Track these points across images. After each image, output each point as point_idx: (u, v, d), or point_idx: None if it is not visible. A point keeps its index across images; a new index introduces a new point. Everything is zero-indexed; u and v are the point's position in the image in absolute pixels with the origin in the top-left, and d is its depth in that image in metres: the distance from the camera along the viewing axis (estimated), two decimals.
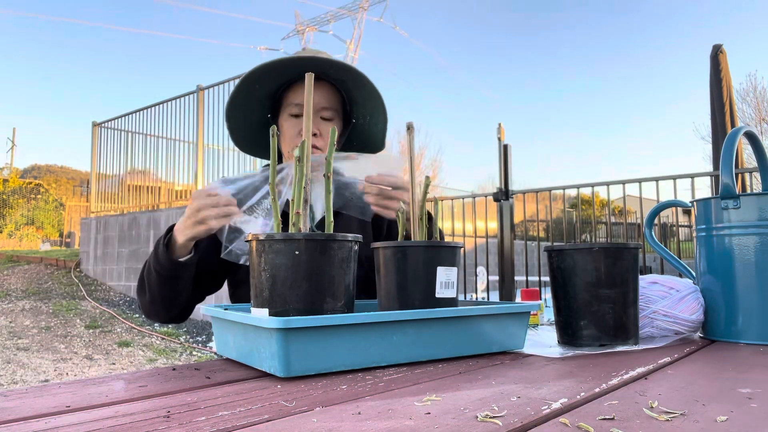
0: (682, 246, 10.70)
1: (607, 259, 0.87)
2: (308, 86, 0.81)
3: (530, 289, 1.28)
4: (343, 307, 0.74)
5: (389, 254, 0.82)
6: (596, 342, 0.87)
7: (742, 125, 1.30)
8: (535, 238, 7.41)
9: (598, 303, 0.87)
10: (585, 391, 0.59)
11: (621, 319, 0.87)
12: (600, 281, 0.87)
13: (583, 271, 0.87)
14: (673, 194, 4.10)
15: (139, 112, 8.42)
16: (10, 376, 4.07)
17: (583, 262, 0.88)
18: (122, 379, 0.68)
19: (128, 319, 6.24)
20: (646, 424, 0.47)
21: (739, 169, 4.07)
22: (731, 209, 0.97)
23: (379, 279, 0.84)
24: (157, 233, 7.25)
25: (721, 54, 4.74)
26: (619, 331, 0.87)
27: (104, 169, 8.94)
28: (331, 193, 0.80)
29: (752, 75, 15.38)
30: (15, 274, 8.54)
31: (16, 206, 19.77)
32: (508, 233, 4.50)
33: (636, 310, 0.90)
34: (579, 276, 0.88)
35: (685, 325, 0.96)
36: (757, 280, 0.93)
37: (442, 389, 0.61)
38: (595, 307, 0.87)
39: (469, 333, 0.81)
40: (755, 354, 0.84)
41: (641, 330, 0.95)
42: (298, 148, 0.78)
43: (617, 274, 0.87)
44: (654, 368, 0.73)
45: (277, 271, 0.71)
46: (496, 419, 0.49)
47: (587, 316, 0.87)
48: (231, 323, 0.78)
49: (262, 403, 0.55)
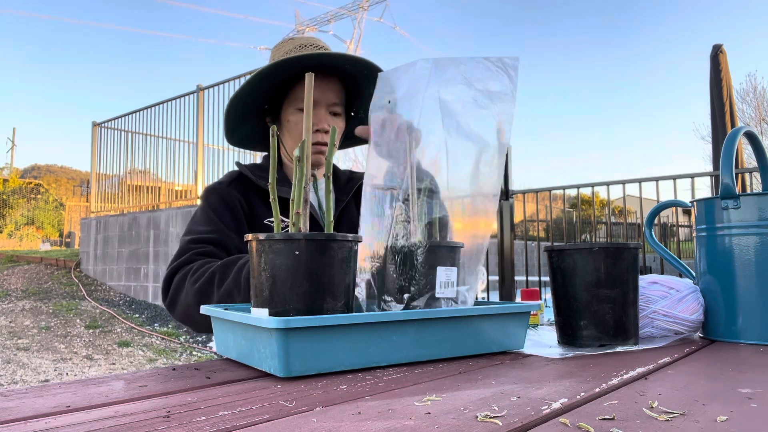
0: (682, 246, 10.70)
1: (607, 259, 0.87)
2: (308, 87, 0.81)
3: (530, 289, 1.28)
4: (343, 307, 0.74)
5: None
6: (596, 342, 0.87)
7: (742, 125, 1.30)
8: (535, 238, 7.41)
9: (598, 303, 0.87)
10: (585, 391, 0.59)
11: (621, 319, 0.87)
12: (600, 281, 0.87)
13: (583, 271, 0.87)
14: (673, 194, 4.10)
15: (139, 112, 8.43)
16: (10, 376, 4.07)
17: (583, 263, 0.88)
18: (122, 379, 0.68)
19: (128, 319, 6.24)
20: (646, 424, 0.47)
21: (739, 169, 4.07)
22: (731, 209, 0.97)
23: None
24: (157, 233, 7.25)
25: (721, 54, 4.74)
26: (619, 331, 0.87)
27: (104, 169, 8.94)
28: (331, 192, 0.80)
29: (752, 75, 15.40)
30: (15, 274, 8.54)
31: (16, 206, 19.77)
32: (508, 233, 4.50)
33: (636, 311, 0.90)
34: (579, 276, 0.88)
35: (685, 325, 0.96)
36: (757, 280, 0.93)
37: (442, 389, 0.61)
38: (595, 308, 0.87)
39: (469, 333, 0.81)
40: (755, 354, 0.84)
41: (641, 330, 0.95)
42: (298, 148, 0.78)
43: (617, 274, 0.87)
44: (654, 368, 0.73)
45: (277, 271, 0.71)
46: (496, 419, 0.49)
47: (587, 317, 0.87)
48: (231, 323, 0.78)
49: (262, 403, 0.55)
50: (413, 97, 0.89)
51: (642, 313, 0.95)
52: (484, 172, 0.88)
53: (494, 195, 0.87)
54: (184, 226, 6.22)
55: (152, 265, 7.26)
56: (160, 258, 7.16)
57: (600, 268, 0.87)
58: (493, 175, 0.87)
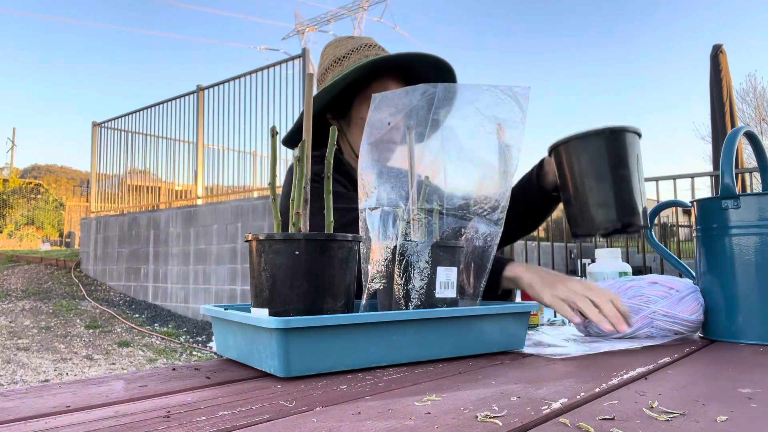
0: (682, 246, 10.70)
1: (616, 141, 0.90)
2: (308, 88, 0.81)
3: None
4: (343, 307, 0.74)
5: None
6: (618, 222, 0.90)
7: (742, 125, 1.30)
8: (536, 238, 7.41)
9: (618, 183, 0.90)
10: (585, 391, 0.59)
11: (634, 199, 0.92)
12: (621, 162, 0.91)
13: (598, 157, 0.91)
14: (673, 194, 4.10)
15: (139, 112, 8.42)
16: (10, 376, 4.07)
17: (588, 149, 0.91)
18: (122, 379, 0.68)
19: (128, 319, 6.24)
20: (646, 424, 0.47)
21: (739, 169, 4.07)
22: (731, 209, 0.97)
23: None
24: (157, 233, 7.25)
25: (721, 54, 4.74)
26: (635, 210, 0.91)
27: (104, 169, 8.94)
28: (330, 193, 0.80)
29: (752, 75, 15.40)
30: (15, 274, 8.54)
31: (16, 206, 19.77)
32: None
33: (643, 190, 0.95)
34: (594, 162, 0.92)
35: (685, 325, 0.96)
36: (758, 280, 0.93)
37: (442, 389, 0.61)
38: (618, 188, 0.90)
39: (469, 333, 0.81)
40: (755, 354, 0.84)
41: (641, 330, 0.95)
42: (298, 148, 0.78)
43: (629, 155, 0.91)
44: (654, 368, 0.73)
45: (277, 271, 0.71)
46: (496, 419, 0.49)
47: (611, 197, 0.91)
48: (231, 323, 0.78)
49: (262, 403, 0.55)
50: (416, 120, 0.89)
51: (642, 313, 0.95)
52: (490, 195, 0.89)
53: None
54: (184, 226, 6.21)
55: (152, 265, 7.26)
56: (159, 258, 7.16)
57: (611, 151, 0.91)
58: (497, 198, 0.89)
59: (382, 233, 0.83)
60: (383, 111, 0.89)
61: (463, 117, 0.88)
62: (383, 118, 0.89)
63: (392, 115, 0.90)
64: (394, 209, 0.85)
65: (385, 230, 0.84)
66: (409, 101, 0.88)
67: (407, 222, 0.84)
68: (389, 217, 0.85)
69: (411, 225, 0.84)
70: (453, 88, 0.90)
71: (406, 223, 0.84)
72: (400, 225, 0.85)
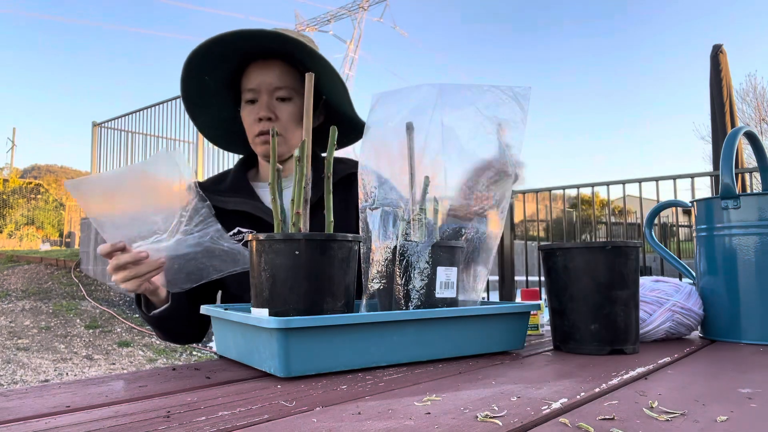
0: (682, 246, 10.70)
1: (617, 258, 0.83)
2: (308, 87, 0.81)
3: (530, 289, 1.28)
4: (343, 307, 0.74)
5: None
6: (606, 348, 0.82)
7: (742, 125, 1.30)
8: (535, 238, 7.41)
9: (610, 305, 0.83)
10: (585, 391, 0.59)
11: (629, 322, 0.83)
12: (612, 283, 0.83)
13: (592, 270, 0.83)
14: (673, 194, 4.10)
15: (139, 112, 8.43)
16: (10, 376, 4.07)
17: (584, 263, 0.85)
18: (122, 379, 0.68)
19: (128, 319, 6.24)
20: (646, 424, 0.47)
21: (739, 169, 4.07)
22: (731, 209, 0.97)
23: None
24: None
25: (721, 54, 4.74)
26: (628, 335, 0.83)
27: (104, 169, 8.93)
28: (330, 193, 0.80)
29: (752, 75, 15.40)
30: (15, 274, 8.54)
31: (16, 206, 19.76)
32: (508, 233, 4.50)
33: (638, 314, 0.87)
34: (586, 277, 0.84)
35: (696, 319, 0.97)
36: (758, 280, 0.93)
37: (442, 389, 0.61)
38: (607, 310, 0.82)
39: (469, 333, 0.81)
40: (755, 354, 0.84)
41: (663, 325, 0.94)
42: (298, 149, 0.78)
43: (626, 274, 0.83)
44: (654, 368, 0.73)
45: (277, 271, 0.71)
46: (496, 419, 0.49)
47: (598, 320, 0.83)
48: (231, 323, 0.78)
49: (262, 403, 0.55)
50: (417, 121, 0.88)
51: (663, 306, 0.95)
52: (489, 195, 0.89)
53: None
54: None
55: None
56: None
57: (612, 268, 0.83)
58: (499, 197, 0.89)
59: (382, 233, 0.83)
60: (383, 110, 0.89)
61: (463, 117, 0.87)
62: (383, 117, 0.88)
63: (392, 116, 0.89)
64: (394, 209, 0.85)
65: (385, 230, 0.84)
66: (410, 101, 0.88)
67: (407, 222, 0.84)
68: (389, 217, 0.85)
69: (411, 225, 0.84)
70: (450, 88, 0.88)
71: (406, 223, 0.84)
72: (400, 225, 0.85)
